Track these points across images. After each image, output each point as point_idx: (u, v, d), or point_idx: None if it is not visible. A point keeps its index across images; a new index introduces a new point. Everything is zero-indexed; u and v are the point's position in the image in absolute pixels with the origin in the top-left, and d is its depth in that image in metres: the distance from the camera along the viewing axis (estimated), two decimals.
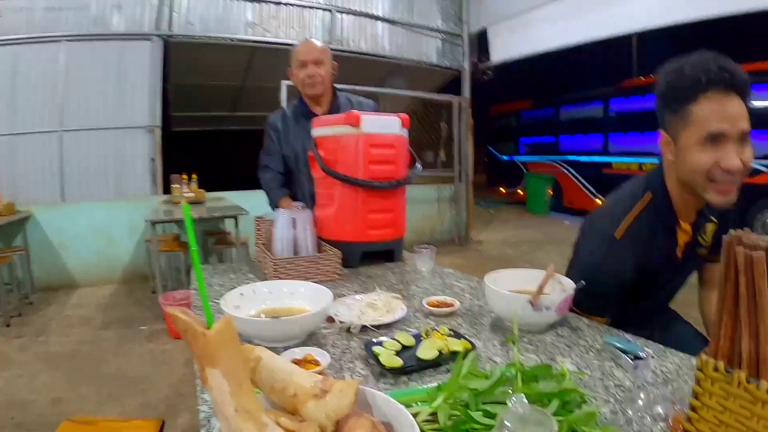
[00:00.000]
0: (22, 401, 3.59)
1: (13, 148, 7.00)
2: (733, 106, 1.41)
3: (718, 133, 1.42)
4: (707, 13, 6.53)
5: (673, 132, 1.53)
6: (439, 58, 10.42)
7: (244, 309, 1.49)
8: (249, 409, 0.66)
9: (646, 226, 1.66)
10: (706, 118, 1.42)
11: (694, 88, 1.44)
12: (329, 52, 2.93)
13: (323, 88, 2.90)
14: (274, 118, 3.07)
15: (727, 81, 1.41)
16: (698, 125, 1.44)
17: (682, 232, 1.70)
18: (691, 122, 1.46)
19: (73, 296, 6.54)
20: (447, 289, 1.99)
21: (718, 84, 1.41)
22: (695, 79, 1.43)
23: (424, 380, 1.18)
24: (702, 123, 1.43)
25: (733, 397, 0.74)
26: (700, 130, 1.44)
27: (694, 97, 1.44)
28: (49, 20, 7.08)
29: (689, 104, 1.45)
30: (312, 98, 2.96)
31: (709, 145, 1.44)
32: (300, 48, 2.91)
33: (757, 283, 0.71)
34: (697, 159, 1.46)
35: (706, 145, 1.44)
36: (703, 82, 1.41)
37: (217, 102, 11.80)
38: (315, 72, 2.83)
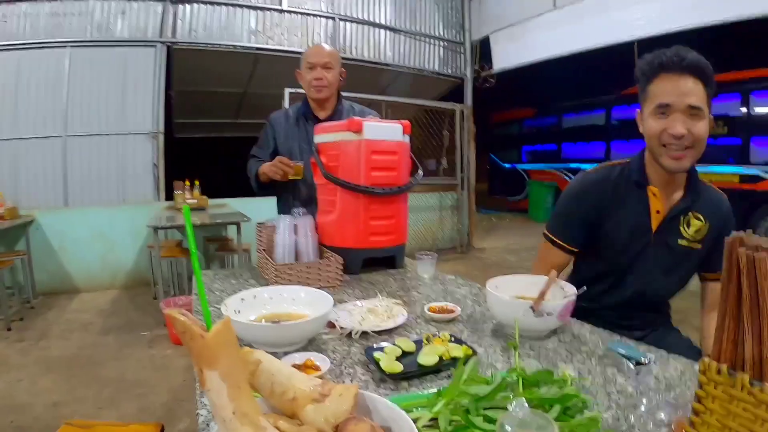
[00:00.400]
0: (22, 404, 3.59)
1: (16, 153, 7.02)
2: (683, 84, 1.68)
3: (665, 104, 1.71)
4: (708, 21, 6.54)
5: (642, 108, 1.86)
6: (442, 66, 10.44)
7: (245, 314, 1.48)
8: (247, 412, 0.65)
9: (617, 175, 1.97)
10: (658, 93, 1.74)
11: (651, 71, 1.76)
12: (338, 58, 2.96)
13: (329, 93, 2.92)
14: (276, 116, 3.11)
15: (677, 64, 1.69)
16: (652, 99, 1.76)
17: (653, 197, 1.88)
18: (648, 97, 1.79)
19: (75, 301, 6.54)
20: (448, 296, 1.99)
21: (671, 67, 1.70)
22: (652, 63, 1.76)
23: (425, 386, 1.17)
24: (654, 97, 1.75)
25: (737, 400, 0.74)
26: (653, 102, 1.75)
27: (652, 78, 1.77)
28: (53, 26, 7.12)
29: (649, 84, 1.78)
30: (317, 102, 2.97)
31: (660, 115, 1.74)
32: (310, 51, 2.95)
33: (760, 285, 0.71)
34: (650, 126, 1.78)
35: (657, 115, 1.75)
36: (656, 66, 1.74)
37: (220, 109, 11.81)
38: (322, 75, 2.85)
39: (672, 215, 1.87)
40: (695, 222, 1.88)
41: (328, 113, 2.99)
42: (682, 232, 1.88)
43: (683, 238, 1.88)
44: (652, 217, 1.89)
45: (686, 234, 1.88)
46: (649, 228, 1.89)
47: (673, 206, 1.87)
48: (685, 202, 1.87)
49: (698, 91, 1.68)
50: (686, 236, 1.88)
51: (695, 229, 1.87)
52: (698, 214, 1.88)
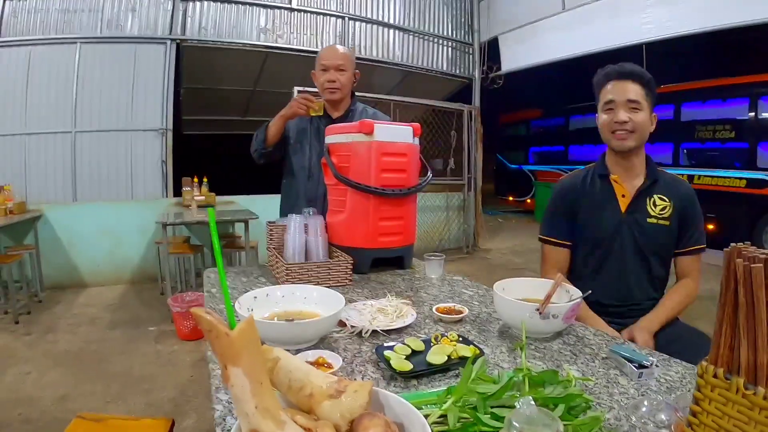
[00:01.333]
0: (29, 397, 3.62)
1: (25, 148, 7.07)
2: (624, 86, 2.12)
3: (611, 101, 2.14)
4: (717, 25, 6.53)
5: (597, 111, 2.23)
6: (450, 67, 10.45)
7: (258, 312, 1.51)
8: (268, 407, 0.68)
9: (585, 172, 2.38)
10: (606, 94, 2.17)
11: (602, 80, 2.20)
12: (352, 59, 2.98)
13: (341, 95, 2.94)
14: None
15: (619, 72, 2.14)
16: (602, 99, 2.19)
17: (616, 183, 2.24)
18: (599, 100, 2.21)
19: (82, 295, 6.58)
20: (456, 297, 2.02)
21: (614, 76, 2.16)
22: (601, 75, 2.21)
23: (434, 384, 1.20)
24: (603, 97, 2.18)
25: (732, 403, 0.77)
26: (602, 101, 2.18)
27: (602, 85, 2.19)
28: (63, 22, 7.16)
29: (600, 90, 2.21)
30: (330, 102, 2.99)
31: (608, 111, 2.16)
32: (324, 53, 2.96)
33: (756, 294, 0.74)
34: (602, 120, 2.20)
35: (606, 111, 2.17)
36: (602, 76, 2.20)
37: (229, 106, 11.82)
38: (336, 78, 2.87)
39: (637, 196, 2.20)
40: (660, 202, 2.20)
41: (340, 113, 3.02)
42: (649, 210, 2.20)
43: (651, 216, 2.19)
44: (620, 201, 2.23)
45: (653, 212, 2.19)
46: (619, 210, 2.22)
47: (636, 189, 2.20)
48: (645, 184, 2.20)
49: (636, 89, 2.10)
50: (654, 214, 2.19)
51: (660, 207, 2.19)
52: (662, 196, 2.21)
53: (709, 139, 10.00)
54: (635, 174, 2.23)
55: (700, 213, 2.25)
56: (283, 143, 3.07)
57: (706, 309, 5.20)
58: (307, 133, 3.05)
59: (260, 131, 2.99)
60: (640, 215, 2.19)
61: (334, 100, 2.95)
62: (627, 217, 2.20)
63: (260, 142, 2.98)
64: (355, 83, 3.05)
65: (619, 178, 2.24)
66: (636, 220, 2.19)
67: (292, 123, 3.06)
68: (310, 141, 3.03)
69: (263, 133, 2.96)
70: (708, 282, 2.13)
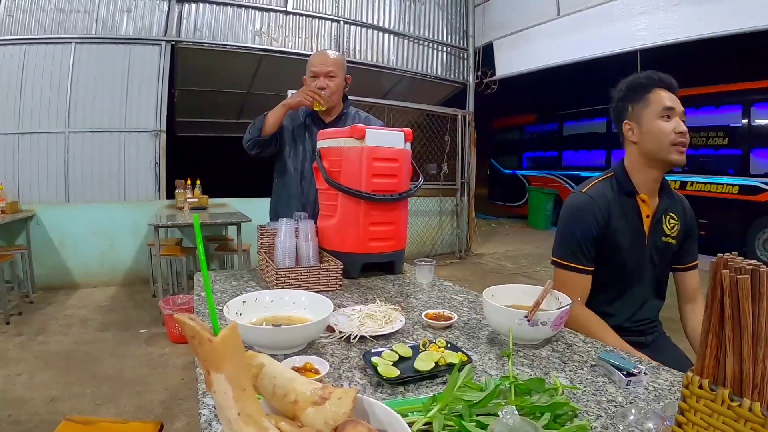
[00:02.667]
0: (19, 399, 3.61)
1: (18, 147, 7.05)
2: (674, 98, 1.99)
3: (670, 107, 1.96)
4: (711, 32, 6.57)
5: (637, 116, 2.04)
6: (444, 71, 10.48)
7: (246, 316, 1.51)
8: (251, 414, 0.68)
9: (609, 189, 2.11)
10: (661, 99, 1.98)
11: (650, 81, 2.02)
12: (342, 64, 2.97)
13: (332, 103, 2.93)
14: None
15: (668, 83, 2.02)
16: (657, 102, 1.98)
17: (643, 203, 2.08)
18: (651, 102, 2.00)
19: (74, 297, 6.56)
20: (446, 302, 2.02)
21: (663, 83, 2.01)
22: (649, 78, 2.02)
23: (421, 391, 1.20)
24: (659, 101, 1.98)
25: (717, 414, 0.77)
26: (659, 105, 1.98)
27: (650, 88, 2.01)
28: (59, 22, 7.15)
29: (648, 93, 2.01)
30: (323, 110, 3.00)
31: (666, 118, 1.96)
32: (314, 59, 2.95)
33: (742, 305, 0.74)
34: (660, 127, 1.96)
35: (663, 117, 1.96)
36: (656, 79, 2.01)
37: (223, 109, 11.84)
38: (325, 85, 2.86)
39: (657, 217, 2.10)
40: (672, 221, 2.13)
41: (332, 118, 3.02)
42: (665, 230, 2.12)
43: (666, 235, 2.12)
44: (644, 222, 2.08)
45: (667, 231, 2.12)
46: (644, 233, 2.08)
47: (655, 209, 2.10)
48: (664, 203, 2.11)
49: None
50: (668, 233, 2.12)
51: (672, 226, 2.13)
52: (673, 214, 2.14)
53: (702, 145, 10.04)
54: (655, 192, 2.10)
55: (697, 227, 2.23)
56: (278, 139, 3.06)
57: None
58: (302, 135, 3.05)
59: (258, 119, 2.96)
60: (657, 236, 2.10)
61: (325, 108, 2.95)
62: (649, 240, 2.09)
63: (257, 129, 2.94)
64: (346, 88, 3.05)
65: (647, 197, 2.07)
66: (654, 242, 2.09)
67: (287, 124, 3.06)
68: (304, 143, 3.03)
69: (261, 122, 2.93)
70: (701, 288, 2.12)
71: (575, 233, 2.06)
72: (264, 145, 3.00)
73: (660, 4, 7.12)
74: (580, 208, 2.08)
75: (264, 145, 2.99)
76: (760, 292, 0.74)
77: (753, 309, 0.74)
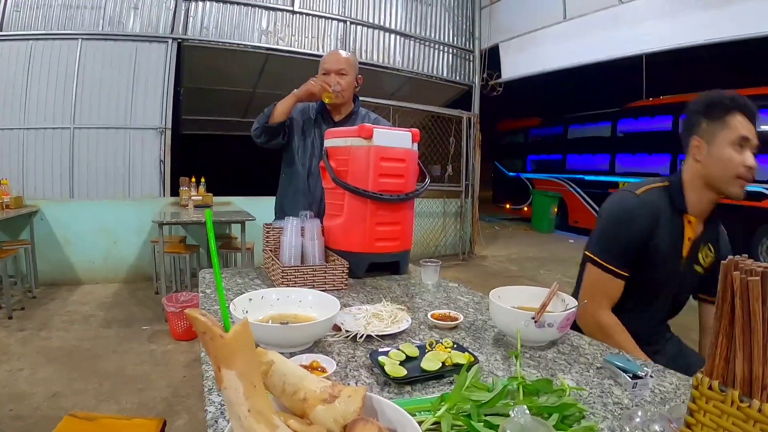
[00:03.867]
0: (21, 394, 3.62)
1: (23, 143, 7.07)
2: (752, 127, 1.85)
3: (747, 138, 1.83)
4: (716, 38, 6.56)
5: (709, 135, 1.89)
6: (450, 73, 10.47)
7: (253, 314, 1.51)
8: (261, 410, 0.68)
9: (660, 199, 2.00)
10: (740, 125, 1.83)
11: (733, 103, 1.85)
12: (354, 64, 3.01)
13: (341, 100, 2.95)
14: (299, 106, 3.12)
15: (750, 111, 1.85)
16: (734, 129, 1.83)
17: (689, 224, 1.99)
18: (728, 126, 1.84)
19: (76, 293, 6.57)
20: (451, 303, 2.02)
21: (746, 109, 1.85)
22: (734, 99, 1.85)
23: (427, 391, 1.20)
24: (737, 128, 1.83)
25: (727, 415, 0.77)
26: (735, 132, 1.83)
27: (732, 110, 1.84)
28: (65, 17, 7.18)
29: (727, 114, 1.85)
30: (330, 105, 3.02)
31: (739, 148, 1.84)
32: (326, 57, 2.99)
33: (752, 307, 0.74)
34: (731, 155, 1.84)
35: (736, 147, 1.84)
36: (740, 102, 1.84)
37: (228, 107, 11.85)
38: (336, 82, 2.88)
39: (698, 244, 2.03)
40: (708, 253, 2.07)
41: (342, 116, 3.05)
42: (699, 258, 2.05)
43: (698, 264, 2.05)
44: (685, 244, 2.00)
45: (701, 260, 2.05)
46: (681, 254, 2.01)
47: (699, 235, 2.01)
48: (709, 232, 2.05)
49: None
50: (700, 262, 2.05)
51: (707, 257, 2.07)
52: (711, 245, 2.08)
53: None
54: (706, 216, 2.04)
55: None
56: (286, 132, 3.07)
57: None
58: (312, 131, 3.07)
59: (268, 108, 2.98)
60: (694, 263, 2.04)
61: (335, 103, 2.97)
62: (686, 264, 2.03)
63: (265, 117, 2.95)
64: (357, 88, 3.07)
65: (694, 220, 2.00)
66: (690, 266, 2.04)
67: (298, 118, 3.09)
68: (313, 139, 3.05)
69: (270, 110, 2.94)
70: None
71: (620, 235, 2.00)
72: (271, 134, 2.99)
73: (666, 9, 7.11)
74: (631, 210, 1.99)
75: (271, 133, 2.99)
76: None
77: (763, 311, 0.74)
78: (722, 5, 6.44)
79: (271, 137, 3.01)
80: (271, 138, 3.01)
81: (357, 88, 3.07)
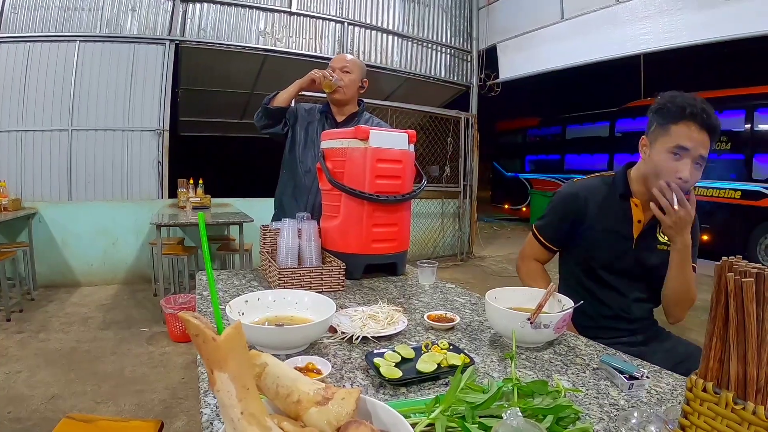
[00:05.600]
0: (19, 396, 3.61)
1: (22, 145, 7.06)
2: (700, 137, 1.87)
3: (684, 148, 1.87)
4: (715, 37, 6.57)
5: (653, 137, 1.99)
6: (448, 74, 10.49)
7: (248, 316, 1.51)
8: (254, 413, 0.68)
9: (600, 185, 2.21)
10: (680, 135, 1.88)
11: (679, 113, 1.89)
12: (359, 65, 3.07)
13: (343, 94, 3.00)
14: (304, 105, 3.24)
15: (703, 120, 1.86)
16: (673, 138, 1.90)
17: (636, 207, 2.10)
18: (668, 135, 1.91)
19: (75, 295, 6.56)
20: (448, 304, 2.02)
21: (696, 118, 1.86)
22: (682, 107, 1.88)
23: (423, 393, 1.20)
24: (676, 137, 1.89)
25: (721, 417, 0.77)
26: (673, 141, 1.90)
27: (677, 120, 1.89)
28: (63, 19, 7.18)
29: (671, 123, 1.91)
30: (335, 104, 3.07)
31: (674, 155, 1.90)
32: (334, 57, 3.09)
33: (747, 308, 0.74)
34: (663, 161, 1.92)
35: (672, 154, 1.90)
36: (687, 112, 1.87)
37: (226, 108, 11.84)
38: (339, 77, 2.95)
39: (650, 225, 2.11)
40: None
41: (344, 117, 3.09)
42: (659, 238, 2.12)
43: (661, 243, 2.11)
44: (634, 227, 2.11)
45: (662, 239, 2.11)
46: (630, 236, 2.12)
47: (651, 217, 2.04)
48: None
49: (708, 145, 1.89)
50: (663, 241, 2.10)
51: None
52: None
53: None
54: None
55: (699, 235, 2.18)
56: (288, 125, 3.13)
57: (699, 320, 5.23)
58: (314, 129, 3.11)
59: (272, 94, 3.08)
60: (651, 242, 2.12)
61: (336, 99, 3.02)
62: (638, 244, 2.11)
63: (267, 99, 3.05)
64: (362, 90, 3.13)
65: (640, 203, 2.10)
66: (647, 246, 2.12)
67: (302, 114, 3.16)
68: (314, 137, 3.08)
69: (273, 95, 3.05)
70: (701, 293, 2.11)
71: (555, 214, 2.30)
72: (270, 117, 3.05)
73: (664, 8, 7.12)
74: (570, 192, 2.26)
75: (270, 116, 3.05)
76: (764, 295, 0.74)
77: (757, 312, 0.74)
78: (720, 4, 6.45)
79: (270, 121, 3.07)
80: (270, 122, 3.07)
81: (362, 90, 3.12)
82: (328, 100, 3.09)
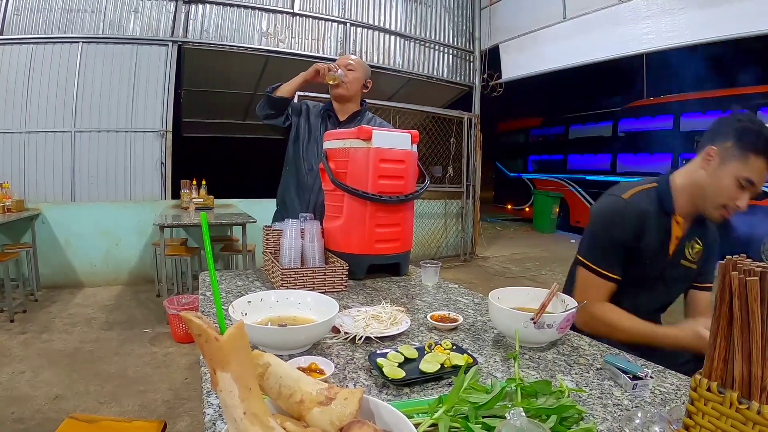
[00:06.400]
0: (23, 396, 3.62)
1: (25, 146, 7.08)
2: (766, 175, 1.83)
3: (752, 182, 1.83)
4: (717, 36, 6.55)
5: (727, 156, 1.88)
6: (450, 74, 10.47)
7: (251, 316, 1.51)
8: (257, 413, 0.68)
9: (647, 201, 2.03)
10: (754, 169, 1.82)
11: (764, 146, 1.81)
12: (363, 65, 3.10)
13: (345, 91, 3.02)
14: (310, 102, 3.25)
15: None
16: (747, 168, 1.82)
17: (677, 224, 2.03)
18: (744, 163, 1.83)
19: (78, 295, 6.57)
20: (451, 304, 2.01)
21: None
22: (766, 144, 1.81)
23: (426, 393, 1.20)
24: (750, 169, 1.82)
25: (725, 417, 0.77)
26: (746, 171, 1.83)
27: (759, 152, 1.81)
28: (66, 21, 7.19)
29: (752, 152, 1.82)
30: (337, 100, 3.08)
31: (740, 186, 1.85)
32: (339, 58, 3.10)
33: (751, 307, 0.74)
34: (727, 187, 1.86)
35: (739, 184, 1.85)
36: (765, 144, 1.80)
37: (229, 109, 11.86)
38: (344, 72, 2.98)
39: (684, 241, 2.06)
40: (696, 246, 2.08)
41: (347, 116, 3.09)
42: (687, 254, 2.07)
43: (686, 259, 2.07)
44: (671, 242, 2.04)
45: (689, 256, 2.07)
46: (667, 252, 2.04)
47: (685, 233, 2.04)
48: (695, 230, 2.07)
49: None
50: (689, 258, 2.07)
51: (695, 251, 2.08)
52: (698, 239, 2.09)
53: None
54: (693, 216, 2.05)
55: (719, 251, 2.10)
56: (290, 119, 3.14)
57: None
58: (317, 127, 3.12)
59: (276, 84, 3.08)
60: (680, 258, 2.07)
61: (339, 95, 3.04)
62: (671, 260, 2.05)
63: (271, 88, 3.04)
64: (366, 89, 3.15)
65: (682, 221, 2.03)
66: (677, 263, 2.07)
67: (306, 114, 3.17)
68: (317, 135, 3.09)
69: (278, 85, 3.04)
70: None
71: (609, 238, 2.03)
72: (274, 107, 3.04)
73: (666, 7, 7.10)
74: (618, 213, 2.02)
75: (274, 105, 3.04)
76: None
77: (762, 311, 0.74)
78: (723, 3, 6.43)
79: (272, 111, 3.06)
80: (272, 113, 3.07)
81: (365, 90, 3.14)
82: (331, 97, 3.10)
